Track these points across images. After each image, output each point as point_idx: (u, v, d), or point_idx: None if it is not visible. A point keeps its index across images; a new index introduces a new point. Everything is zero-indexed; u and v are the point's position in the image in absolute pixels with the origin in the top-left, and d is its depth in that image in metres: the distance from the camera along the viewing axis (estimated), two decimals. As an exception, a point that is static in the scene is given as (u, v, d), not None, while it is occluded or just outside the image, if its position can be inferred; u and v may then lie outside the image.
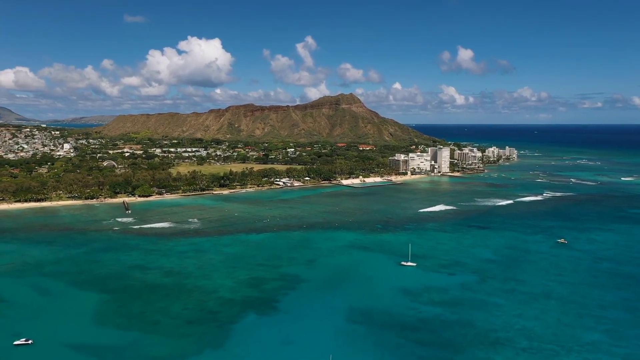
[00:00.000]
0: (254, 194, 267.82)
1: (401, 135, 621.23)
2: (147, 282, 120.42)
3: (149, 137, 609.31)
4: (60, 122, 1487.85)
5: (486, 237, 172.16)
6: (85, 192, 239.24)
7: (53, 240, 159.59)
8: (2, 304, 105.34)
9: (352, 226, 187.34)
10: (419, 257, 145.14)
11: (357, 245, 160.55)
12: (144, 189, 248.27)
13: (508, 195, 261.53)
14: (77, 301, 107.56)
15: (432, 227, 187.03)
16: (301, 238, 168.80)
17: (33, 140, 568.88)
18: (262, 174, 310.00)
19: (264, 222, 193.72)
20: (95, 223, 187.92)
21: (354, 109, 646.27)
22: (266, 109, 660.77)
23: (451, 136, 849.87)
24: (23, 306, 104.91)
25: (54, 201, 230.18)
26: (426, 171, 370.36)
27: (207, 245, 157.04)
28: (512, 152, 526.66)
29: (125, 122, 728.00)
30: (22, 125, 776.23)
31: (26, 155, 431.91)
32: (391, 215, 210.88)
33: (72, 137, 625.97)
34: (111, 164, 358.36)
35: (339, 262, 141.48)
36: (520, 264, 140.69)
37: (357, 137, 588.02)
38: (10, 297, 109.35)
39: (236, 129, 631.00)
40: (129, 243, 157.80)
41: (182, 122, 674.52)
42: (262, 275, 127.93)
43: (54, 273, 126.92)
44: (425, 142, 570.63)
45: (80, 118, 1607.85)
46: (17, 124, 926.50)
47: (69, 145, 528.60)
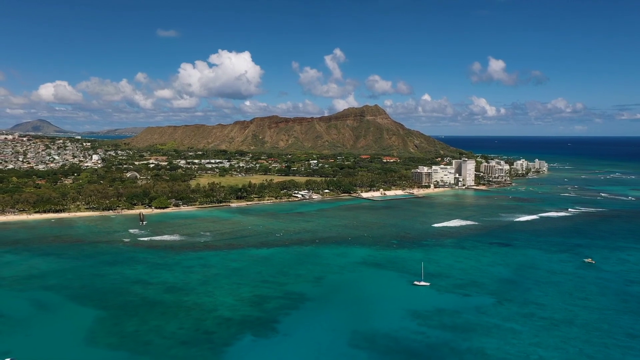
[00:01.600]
0: (271, 207, 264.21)
1: (426, 147, 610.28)
2: (146, 299, 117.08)
3: (175, 149, 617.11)
4: (95, 133, 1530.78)
5: (507, 256, 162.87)
6: (103, 204, 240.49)
7: (62, 253, 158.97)
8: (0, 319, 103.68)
9: (367, 241, 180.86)
10: (433, 276, 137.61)
11: (369, 262, 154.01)
12: (161, 201, 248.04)
13: (534, 210, 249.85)
14: (73, 318, 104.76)
15: (450, 244, 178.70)
16: (312, 253, 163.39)
17: (65, 151, 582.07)
18: (280, 186, 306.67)
19: (277, 235, 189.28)
20: (108, 235, 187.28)
21: (378, 121, 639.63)
22: (290, 120, 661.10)
23: (480, 148, 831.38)
24: (18, 322, 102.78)
25: (72, 212, 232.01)
26: (450, 184, 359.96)
27: (214, 260, 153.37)
28: (541, 165, 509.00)
29: (153, 133, 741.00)
30: (55, 137, 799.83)
31: (55, 166, 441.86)
32: (409, 230, 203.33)
33: (101, 148, 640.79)
34: (134, 175, 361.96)
35: (347, 280, 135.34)
36: (542, 285, 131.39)
37: (381, 149, 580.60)
38: (7, 312, 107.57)
39: (260, 141, 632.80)
40: (137, 256, 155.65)
41: (207, 134, 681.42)
42: (265, 293, 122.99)
43: (56, 287, 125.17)
44: (451, 154, 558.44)
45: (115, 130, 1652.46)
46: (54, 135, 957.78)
47: (97, 156, 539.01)
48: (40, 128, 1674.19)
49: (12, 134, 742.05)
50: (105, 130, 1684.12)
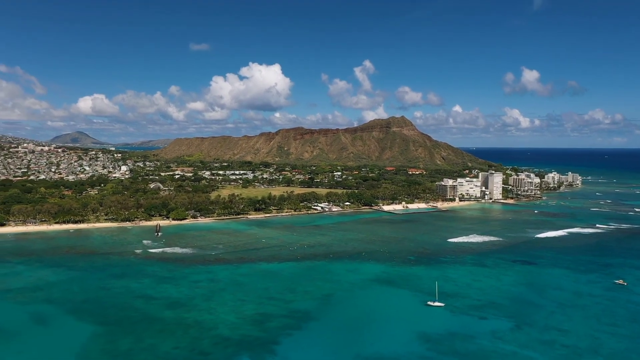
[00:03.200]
0: (289, 219, 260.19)
1: (454, 159, 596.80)
2: (147, 315, 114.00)
3: (201, 160, 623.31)
4: (130, 145, 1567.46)
5: (531, 275, 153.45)
6: (121, 215, 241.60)
7: (73, 264, 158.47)
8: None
9: (382, 257, 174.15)
10: (449, 295, 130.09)
11: (382, 279, 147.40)
12: (178, 212, 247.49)
13: (564, 226, 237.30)
14: (68, 334, 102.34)
15: (470, 261, 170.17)
16: (323, 269, 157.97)
17: (96, 162, 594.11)
18: (300, 198, 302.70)
19: (290, 249, 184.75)
20: (121, 246, 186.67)
21: (405, 132, 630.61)
22: (315, 132, 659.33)
23: (512, 160, 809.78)
24: (13, 336, 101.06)
25: (91, 223, 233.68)
26: (476, 197, 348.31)
27: (222, 274, 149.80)
28: (575, 178, 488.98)
29: (181, 145, 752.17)
30: (89, 148, 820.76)
31: (84, 177, 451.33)
32: (428, 245, 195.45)
33: (131, 159, 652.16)
34: (157, 186, 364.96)
35: (357, 299, 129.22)
36: (567, 309, 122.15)
37: (407, 160, 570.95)
38: (4, 325, 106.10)
39: (285, 152, 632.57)
40: (146, 269, 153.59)
41: (233, 145, 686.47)
42: (269, 311, 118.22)
43: (59, 300, 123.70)
44: (479, 167, 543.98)
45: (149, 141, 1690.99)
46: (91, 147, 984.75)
47: (125, 167, 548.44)
48: (78, 140, 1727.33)
49: (49, 145, 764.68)
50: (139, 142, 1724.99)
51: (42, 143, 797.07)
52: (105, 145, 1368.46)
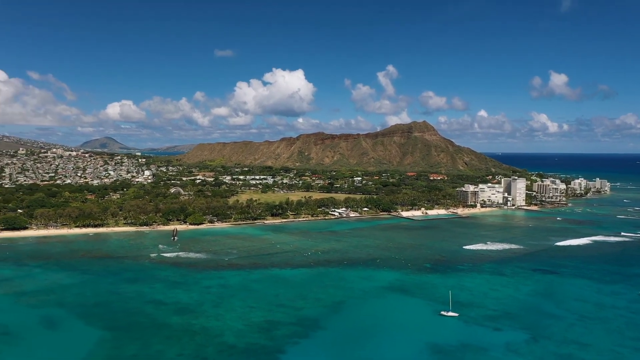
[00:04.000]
0: (305, 225, 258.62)
1: (477, 164, 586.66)
2: (155, 320, 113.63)
3: (222, 165, 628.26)
4: (156, 150, 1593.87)
5: (551, 285, 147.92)
6: (140, 219, 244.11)
7: (88, 268, 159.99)
8: (5, 337, 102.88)
9: (397, 264, 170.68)
10: (464, 305, 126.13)
11: (396, 287, 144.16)
12: (195, 217, 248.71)
13: (588, 234, 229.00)
14: (76, 339, 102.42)
15: (488, 269, 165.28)
16: (336, 275, 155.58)
17: (121, 167, 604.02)
18: (318, 204, 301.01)
19: (304, 255, 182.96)
20: (137, 251, 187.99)
21: (426, 137, 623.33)
22: (336, 137, 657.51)
23: (538, 166, 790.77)
24: (22, 340, 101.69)
25: (110, 227, 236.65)
26: (498, 204, 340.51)
27: (234, 280, 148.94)
28: (603, 184, 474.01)
29: (203, 150, 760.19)
30: (115, 153, 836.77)
31: (108, 182, 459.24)
32: (445, 252, 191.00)
33: (154, 164, 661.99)
34: (177, 191, 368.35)
35: (368, 307, 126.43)
36: (588, 321, 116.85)
37: (428, 166, 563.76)
38: (16, 330, 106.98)
39: (306, 157, 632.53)
40: (158, 274, 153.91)
41: (254, 150, 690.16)
42: (278, 319, 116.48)
43: (71, 304, 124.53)
44: (503, 172, 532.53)
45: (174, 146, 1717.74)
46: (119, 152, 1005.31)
47: (149, 172, 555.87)
48: (106, 145, 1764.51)
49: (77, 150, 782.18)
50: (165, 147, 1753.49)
51: (71, 148, 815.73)
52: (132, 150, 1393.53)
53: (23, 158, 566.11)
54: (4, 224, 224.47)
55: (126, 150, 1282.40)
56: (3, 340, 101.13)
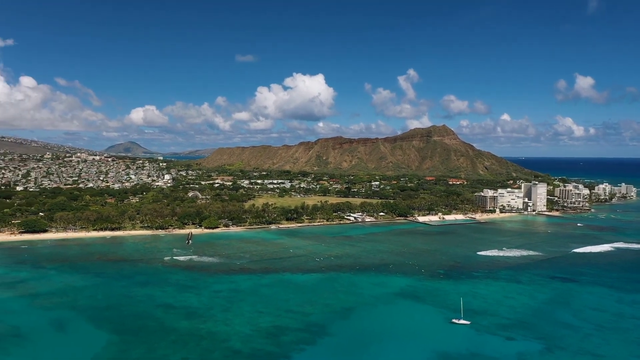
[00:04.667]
0: (320, 229, 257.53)
1: (498, 169, 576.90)
2: (163, 324, 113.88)
3: (241, 169, 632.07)
4: (178, 154, 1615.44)
5: (569, 293, 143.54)
6: (156, 222, 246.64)
7: (102, 271, 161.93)
8: (15, 339, 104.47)
9: (410, 270, 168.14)
10: (477, 313, 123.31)
11: (407, 293, 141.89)
12: (211, 221, 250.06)
13: (610, 241, 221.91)
14: (83, 342, 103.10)
15: (504, 276, 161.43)
16: (348, 281, 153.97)
17: (142, 171, 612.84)
18: (334, 208, 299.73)
19: (316, 260, 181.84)
20: (151, 254, 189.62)
21: (446, 141, 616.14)
22: (354, 141, 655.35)
23: (562, 171, 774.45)
24: (32, 343, 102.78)
25: (127, 230, 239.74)
26: (518, 209, 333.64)
27: (245, 285, 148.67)
28: (629, 189, 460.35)
29: (223, 154, 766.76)
30: (137, 157, 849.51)
31: (129, 185, 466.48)
32: (461, 258, 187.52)
33: (174, 168, 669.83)
34: (195, 195, 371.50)
35: (378, 314, 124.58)
36: (606, 331, 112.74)
37: (448, 170, 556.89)
38: (27, 332, 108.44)
39: (324, 162, 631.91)
40: (170, 278, 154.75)
41: (273, 155, 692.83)
42: (285, 324, 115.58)
43: (82, 307, 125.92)
44: (525, 177, 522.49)
45: (196, 151, 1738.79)
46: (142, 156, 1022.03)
47: (169, 176, 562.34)
48: (130, 150, 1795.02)
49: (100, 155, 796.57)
50: (187, 151, 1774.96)
51: (95, 152, 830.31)
52: (155, 154, 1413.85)
53: (49, 162, 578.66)
54: (24, 227, 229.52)
55: (149, 155, 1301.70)
56: (13, 342, 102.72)
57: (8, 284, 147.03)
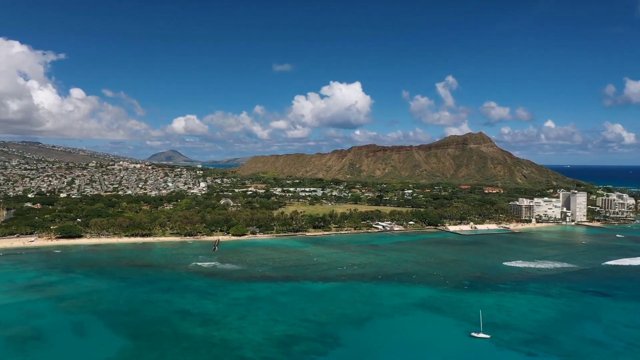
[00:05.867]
0: (347, 238, 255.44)
1: (537, 177, 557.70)
2: (178, 331, 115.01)
3: (274, 177, 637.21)
4: (217, 162, 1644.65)
5: (601, 308, 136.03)
6: (185, 229, 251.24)
7: (127, 277, 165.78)
8: (35, 342, 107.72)
9: (434, 281, 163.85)
10: (499, 326, 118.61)
11: (427, 304, 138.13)
12: (238, 228, 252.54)
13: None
14: (100, 347, 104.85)
15: (533, 289, 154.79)
16: (368, 291, 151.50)
17: (179, 179, 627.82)
18: (362, 217, 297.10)
19: (339, 269, 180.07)
20: (177, 260, 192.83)
21: (482, 149, 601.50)
22: (388, 149, 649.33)
23: (609, 179, 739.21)
24: (50, 346, 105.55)
25: (157, 237, 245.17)
26: (556, 219, 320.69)
27: (264, 292, 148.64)
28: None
29: (257, 162, 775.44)
30: (175, 165, 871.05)
31: (165, 193, 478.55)
32: (488, 270, 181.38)
33: (210, 176, 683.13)
34: (227, 202, 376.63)
35: (395, 325, 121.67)
36: (638, 350, 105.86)
37: (484, 178, 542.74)
38: (48, 336, 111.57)
39: (357, 169, 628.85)
40: (192, 284, 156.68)
41: (306, 163, 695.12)
42: (300, 333, 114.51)
43: (104, 311, 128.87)
44: (566, 186, 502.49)
45: (235, 159, 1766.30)
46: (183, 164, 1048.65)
47: (204, 183, 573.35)
48: (172, 158, 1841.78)
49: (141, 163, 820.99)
50: (226, 159, 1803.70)
51: (138, 161, 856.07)
52: (194, 162, 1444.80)
53: (92, 170, 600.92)
54: (61, 232, 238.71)
55: (189, 163, 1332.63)
56: (33, 344, 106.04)
57: (38, 286, 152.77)
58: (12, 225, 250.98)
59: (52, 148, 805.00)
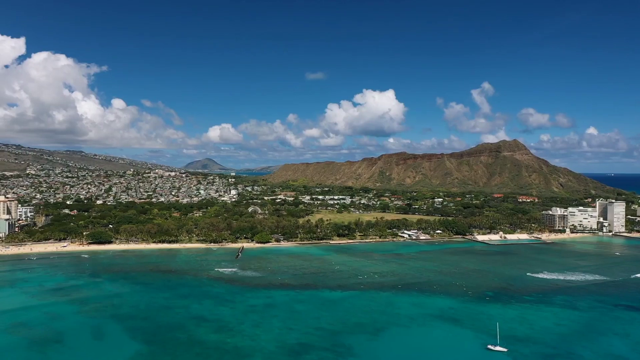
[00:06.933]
0: (370, 246, 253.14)
1: (575, 186, 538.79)
2: (192, 337, 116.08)
3: (304, 185, 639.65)
4: (251, 170, 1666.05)
5: (632, 323, 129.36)
6: (210, 236, 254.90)
7: (150, 282, 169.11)
8: (55, 345, 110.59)
9: (455, 291, 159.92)
10: (519, 339, 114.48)
11: (445, 315, 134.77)
12: (262, 235, 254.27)
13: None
14: (114, 351, 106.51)
15: (559, 302, 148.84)
16: (386, 300, 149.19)
17: (211, 186, 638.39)
18: (388, 225, 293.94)
19: (359, 278, 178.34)
20: (199, 267, 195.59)
21: (517, 157, 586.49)
22: (419, 157, 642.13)
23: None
24: (69, 350, 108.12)
25: (183, 243, 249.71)
26: (592, 230, 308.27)
27: (281, 300, 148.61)
28: None
29: (287, 170, 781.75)
30: (208, 173, 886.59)
31: (196, 200, 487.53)
32: (514, 281, 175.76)
33: (242, 184, 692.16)
34: (254, 210, 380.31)
35: (410, 336, 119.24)
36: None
37: (518, 187, 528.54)
38: (67, 339, 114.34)
39: (387, 177, 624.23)
40: (211, 291, 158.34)
41: (336, 171, 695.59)
42: (312, 342, 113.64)
43: (123, 316, 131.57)
44: (605, 195, 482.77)
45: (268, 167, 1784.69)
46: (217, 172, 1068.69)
47: (235, 191, 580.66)
48: (207, 166, 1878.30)
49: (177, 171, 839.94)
50: (260, 167, 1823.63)
51: (173, 169, 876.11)
52: (229, 170, 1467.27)
53: (129, 178, 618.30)
54: (92, 238, 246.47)
55: (224, 171, 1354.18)
56: (53, 347, 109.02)
57: (64, 290, 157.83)
58: (48, 231, 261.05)
59: (94, 157, 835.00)
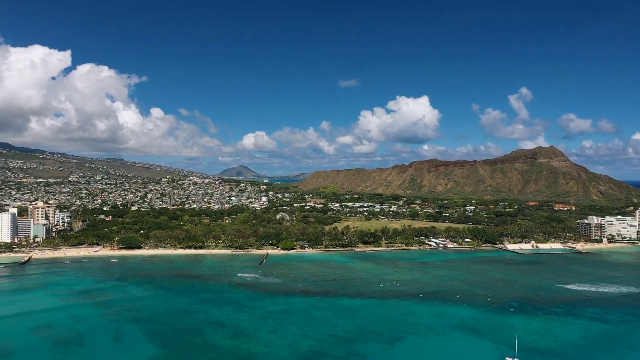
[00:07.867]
0: (396, 254, 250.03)
1: (615, 194, 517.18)
2: (208, 342, 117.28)
3: (334, 192, 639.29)
4: (285, 177, 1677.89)
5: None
6: (236, 242, 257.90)
7: (174, 287, 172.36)
8: (75, 347, 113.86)
9: (479, 301, 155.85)
10: (540, 352, 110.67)
11: (466, 326, 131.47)
12: (287, 242, 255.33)
13: None
14: (131, 355, 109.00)
15: (588, 314, 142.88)
16: (406, 309, 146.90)
17: (243, 193, 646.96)
18: (415, 233, 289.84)
19: (380, 286, 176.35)
20: (223, 273, 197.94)
21: (553, 164, 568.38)
22: (451, 164, 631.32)
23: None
24: (89, 351, 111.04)
25: (209, 249, 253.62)
26: (631, 239, 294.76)
27: (300, 307, 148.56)
28: None
29: (318, 177, 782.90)
30: (240, 180, 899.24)
31: (227, 207, 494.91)
32: (542, 291, 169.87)
33: (273, 191, 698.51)
34: (282, 217, 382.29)
35: (427, 347, 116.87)
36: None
37: (554, 195, 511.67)
38: (88, 341, 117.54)
39: (418, 185, 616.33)
40: (232, 297, 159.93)
41: (366, 178, 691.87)
42: (326, 350, 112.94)
43: (144, 319, 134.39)
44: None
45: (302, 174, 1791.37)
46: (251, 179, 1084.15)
47: (265, 198, 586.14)
48: (241, 173, 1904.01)
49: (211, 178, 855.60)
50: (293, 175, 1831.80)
51: (208, 176, 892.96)
52: (262, 177, 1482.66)
53: (164, 185, 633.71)
54: (122, 243, 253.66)
55: (257, 178, 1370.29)
56: (73, 349, 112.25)
57: (91, 293, 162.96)
58: (82, 236, 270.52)
59: (133, 164, 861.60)
